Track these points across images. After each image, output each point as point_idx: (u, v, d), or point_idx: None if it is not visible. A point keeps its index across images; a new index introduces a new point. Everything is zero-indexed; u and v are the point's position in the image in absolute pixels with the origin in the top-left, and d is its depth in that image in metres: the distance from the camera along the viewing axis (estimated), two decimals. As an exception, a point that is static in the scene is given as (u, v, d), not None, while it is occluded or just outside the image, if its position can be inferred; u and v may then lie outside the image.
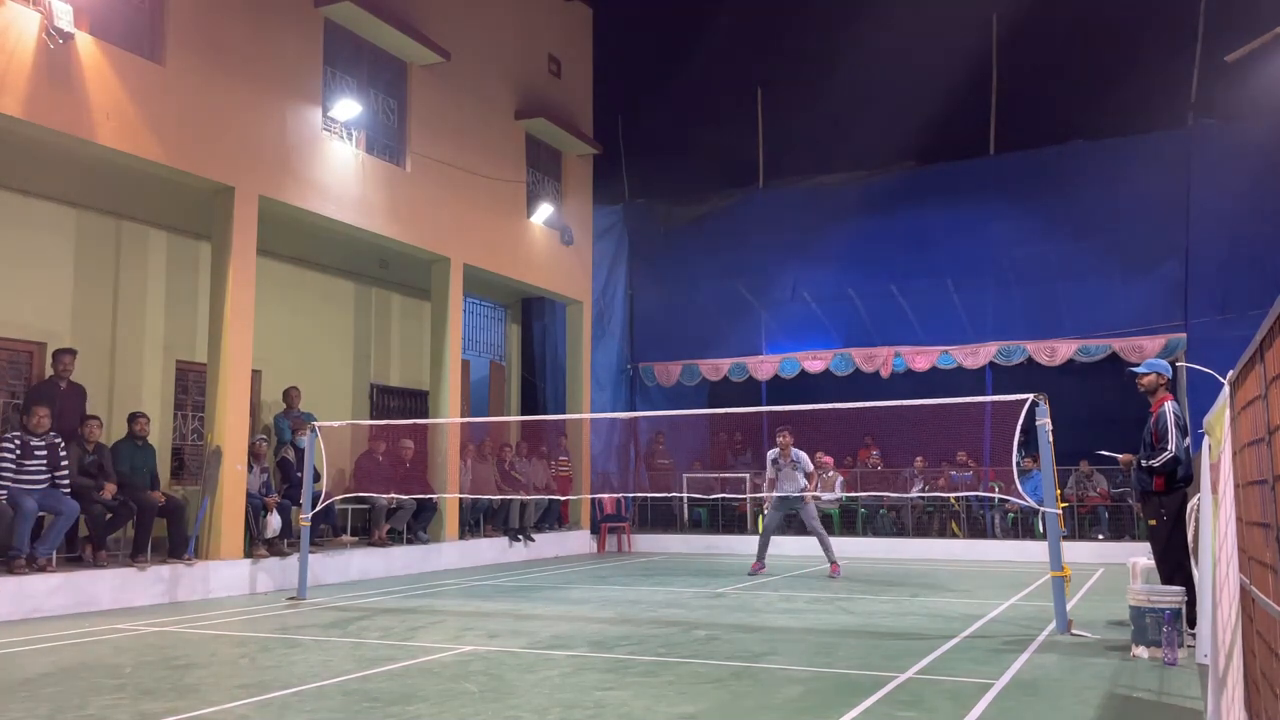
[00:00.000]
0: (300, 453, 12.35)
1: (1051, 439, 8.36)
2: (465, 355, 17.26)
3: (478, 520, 15.77)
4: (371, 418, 15.69)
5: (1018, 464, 10.02)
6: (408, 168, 14.55)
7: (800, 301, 19.73)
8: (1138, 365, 8.35)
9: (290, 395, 13.41)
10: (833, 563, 12.99)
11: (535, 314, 19.98)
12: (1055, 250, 17.38)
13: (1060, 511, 8.47)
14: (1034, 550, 14.63)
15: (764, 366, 19.77)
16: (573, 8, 19.32)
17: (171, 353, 12.98)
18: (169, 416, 13.02)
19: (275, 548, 11.81)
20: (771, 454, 13.34)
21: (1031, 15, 18.48)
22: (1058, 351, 17.56)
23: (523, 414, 19.31)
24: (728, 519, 18.87)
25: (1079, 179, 17.54)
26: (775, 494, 13.07)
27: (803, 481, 13.05)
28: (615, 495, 19.18)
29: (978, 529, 17.07)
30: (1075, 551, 14.03)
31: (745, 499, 18.01)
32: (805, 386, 19.00)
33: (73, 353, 10.76)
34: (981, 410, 15.46)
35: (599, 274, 19.88)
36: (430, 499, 14.18)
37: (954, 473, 17.28)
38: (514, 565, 15.03)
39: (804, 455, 13.21)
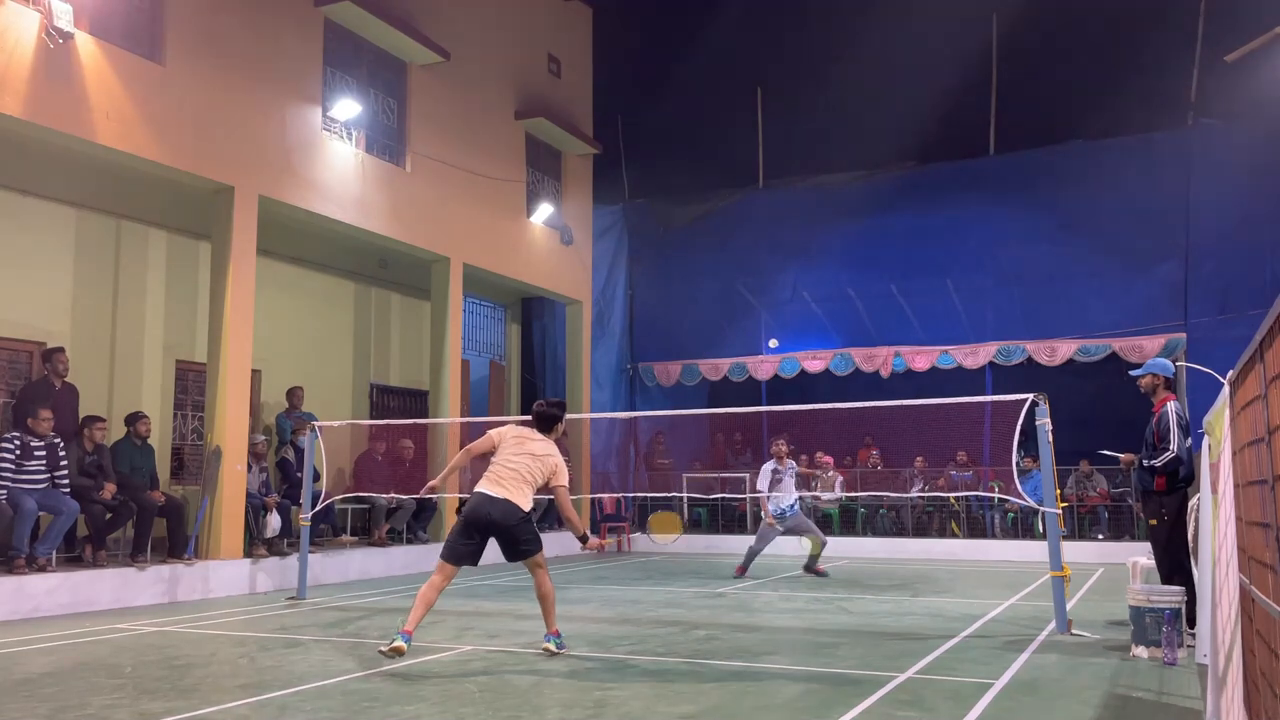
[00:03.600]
0: (300, 453, 12.35)
1: (1051, 439, 8.36)
2: (465, 355, 17.26)
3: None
4: (371, 418, 15.69)
5: (1017, 464, 10.02)
6: (408, 168, 14.55)
7: (800, 301, 19.74)
8: (1139, 366, 8.35)
9: (294, 395, 13.41)
10: (817, 567, 12.96)
11: (535, 314, 19.98)
12: (1055, 250, 17.38)
13: (1060, 511, 8.47)
14: (1034, 550, 14.62)
15: (764, 366, 19.77)
16: (573, 8, 19.32)
17: (171, 353, 12.98)
18: (169, 416, 13.02)
19: (275, 548, 11.82)
20: (771, 465, 12.79)
21: (1031, 15, 18.46)
22: (1058, 351, 17.56)
23: (523, 414, 19.30)
24: (728, 519, 18.87)
25: (1079, 179, 17.54)
26: (775, 508, 12.67)
27: (791, 487, 12.85)
28: (615, 495, 19.18)
29: (978, 529, 17.06)
30: (1075, 551, 14.03)
31: (745, 499, 18.00)
32: (805, 386, 19.01)
33: (63, 350, 10.71)
34: (981, 410, 15.46)
35: (599, 274, 19.88)
36: (430, 499, 14.17)
37: (954, 473, 17.28)
38: (514, 565, 14.99)
39: (794, 464, 13.10)
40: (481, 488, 6.89)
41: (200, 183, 11.46)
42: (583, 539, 7.37)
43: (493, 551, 16.39)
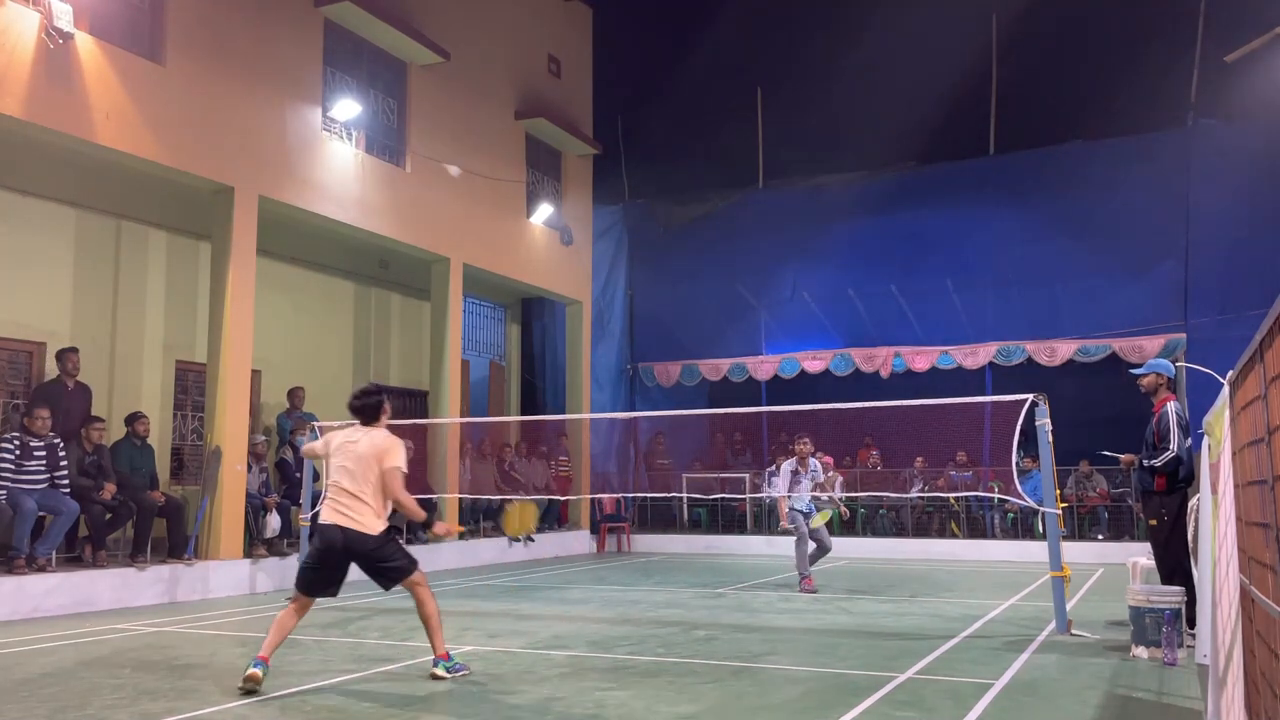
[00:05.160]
0: (299, 453, 12.34)
1: (1051, 439, 8.36)
2: (465, 355, 17.26)
3: (477, 520, 15.76)
4: (371, 418, 15.65)
5: (1017, 464, 10.01)
6: (408, 168, 14.55)
7: (800, 301, 19.73)
8: (1139, 366, 8.34)
9: (294, 395, 13.41)
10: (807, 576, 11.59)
11: (535, 314, 19.98)
12: (1055, 250, 17.37)
13: (1060, 511, 8.47)
14: (1034, 550, 14.63)
15: (764, 366, 19.77)
16: (573, 8, 19.32)
17: (171, 353, 12.98)
18: (169, 416, 13.01)
19: (275, 548, 11.82)
20: (791, 465, 11.64)
21: (1031, 15, 18.47)
22: (1058, 351, 17.56)
23: (523, 414, 19.30)
24: (727, 519, 18.86)
25: (1079, 179, 17.53)
26: (791, 508, 11.50)
27: (809, 490, 11.70)
28: (615, 495, 19.17)
29: (977, 529, 17.06)
30: (1075, 551, 14.03)
31: (745, 499, 18.00)
32: (805, 386, 19.00)
33: (76, 351, 10.78)
34: (981, 410, 15.46)
35: (599, 274, 19.88)
36: (430, 499, 14.17)
37: (954, 473, 17.27)
38: (514, 565, 15.03)
39: (818, 464, 11.91)
40: (323, 517, 6.19)
41: (200, 183, 11.46)
42: (425, 525, 6.42)
43: (491, 552, 16.31)
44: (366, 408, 6.46)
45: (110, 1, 10.52)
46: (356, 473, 6.15)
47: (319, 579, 6.16)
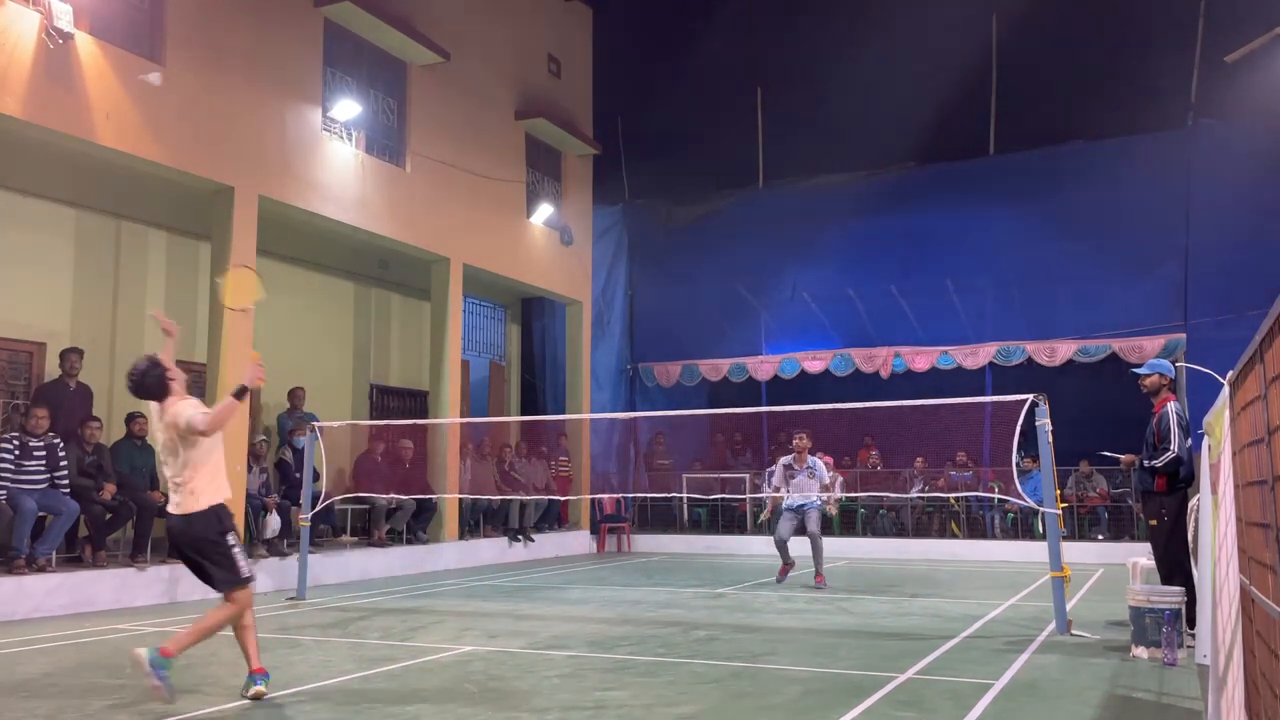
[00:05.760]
0: (298, 453, 12.36)
1: (1051, 439, 8.36)
2: (465, 355, 17.26)
3: (477, 520, 15.77)
4: (371, 418, 15.69)
5: (1017, 464, 10.01)
6: (407, 168, 14.55)
7: (800, 301, 19.73)
8: (1140, 366, 8.34)
9: (294, 396, 13.42)
10: (819, 573, 11.83)
11: (535, 314, 19.98)
12: (1055, 250, 17.37)
13: (1060, 512, 8.47)
14: (1034, 550, 14.62)
15: (764, 366, 19.77)
16: (573, 8, 19.32)
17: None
18: (169, 416, 12.99)
19: (275, 548, 11.82)
20: (786, 460, 11.84)
21: (1031, 15, 18.46)
22: (1057, 352, 17.56)
23: (522, 414, 19.31)
24: (727, 519, 18.87)
25: (1079, 179, 17.52)
26: (784, 503, 11.77)
27: (813, 487, 11.76)
28: (615, 495, 19.17)
29: (977, 529, 17.06)
30: (1075, 551, 14.02)
31: (745, 499, 17.99)
32: (805, 387, 19.00)
33: (80, 352, 10.80)
34: (981, 410, 15.46)
35: (599, 274, 19.88)
36: (430, 499, 14.17)
37: (954, 473, 17.27)
38: (514, 565, 15.03)
39: (820, 464, 11.98)
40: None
41: (200, 183, 11.46)
42: (243, 392, 5.72)
43: (490, 552, 16.28)
44: (145, 387, 5.71)
45: (110, 1, 10.52)
46: (165, 459, 5.72)
47: (194, 573, 5.83)
